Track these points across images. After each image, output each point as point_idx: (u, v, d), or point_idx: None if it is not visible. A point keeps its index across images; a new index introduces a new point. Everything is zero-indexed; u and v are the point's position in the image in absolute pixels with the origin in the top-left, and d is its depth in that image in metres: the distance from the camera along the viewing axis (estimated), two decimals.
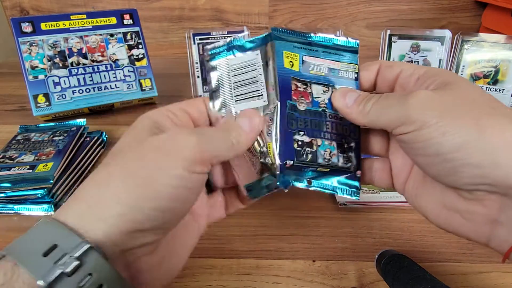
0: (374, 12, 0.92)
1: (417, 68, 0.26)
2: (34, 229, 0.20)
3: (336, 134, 0.27)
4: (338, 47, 0.28)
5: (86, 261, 0.18)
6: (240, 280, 0.32)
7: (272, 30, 0.28)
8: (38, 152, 0.44)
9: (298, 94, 0.26)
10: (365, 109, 0.24)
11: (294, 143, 0.25)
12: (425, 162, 0.23)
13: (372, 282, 0.32)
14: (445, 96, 0.22)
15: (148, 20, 0.94)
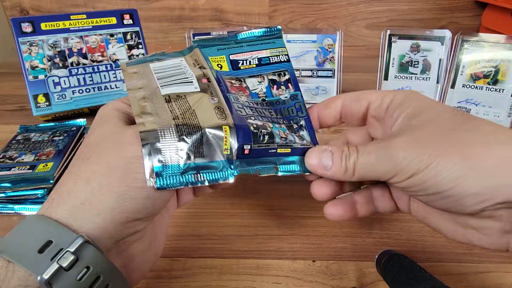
0: (374, 12, 0.92)
1: (384, 96, 0.26)
2: (25, 226, 0.20)
3: (283, 118, 0.27)
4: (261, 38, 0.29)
5: (83, 255, 0.19)
6: (240, 280, 0.32)
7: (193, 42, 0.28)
8: (38, 152, 0.44)
9: (236, 89, 0.27)
10: (348, 169, 0.24)
11: (250, 126, 0.25)
12: (426, 200, 0.23)
13: (372, 282, 0.32)
14: (423, 137, 0.22)
15: (148, 20, 0.94)
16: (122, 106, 0.25)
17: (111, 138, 0.22)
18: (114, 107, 0.25)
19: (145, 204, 0.21)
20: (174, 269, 0.33)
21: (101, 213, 0.20)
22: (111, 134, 0.23)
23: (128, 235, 0.22)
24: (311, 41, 0.58)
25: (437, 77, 0.56)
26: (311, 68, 0.58)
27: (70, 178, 0.21)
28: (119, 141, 0.22)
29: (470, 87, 0.54)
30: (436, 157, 0.21)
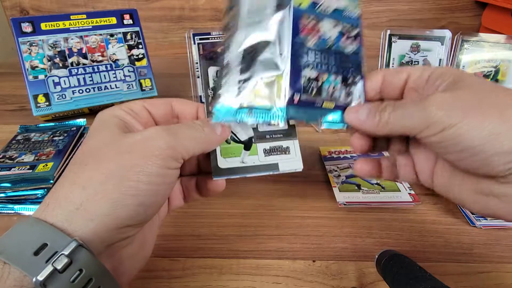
0: (374, 12, 0.92)
1: (424, 69, 0.26)
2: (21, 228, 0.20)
3: (343, 69, 0.29)
4: None
5: (76, 258, 0.19)
6: (240, 280, 0.32)
7: None
8: (38, 152, 0.44)
9: (307, 31, 0.28)
10: (382, 119, 0.25)
11: (302, 79, 0.27)
12: (455, 158, 0.23)
13: (372, 282, 0.32)
14: (462, 96, 0.23)
15: (148, 20, 0.94)
16: (120, 114, 0.26)
17: (109, 146, 0.23)
18: (113, 114, 0.26)
19: (138, 211, 0.22)
20: (174, 269, 0.33)
21: (94, 219, 0.20)
22: (109, 141, 0.23)
23: (119, 240, 0.22)
24: None
25: None
26: None
27: (67, 183, 0.22)
28: (117, 149, 0.23)
29: None
30: (473, 114, 0.21)
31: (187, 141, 0.25)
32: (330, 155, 0.49)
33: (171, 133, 0.24)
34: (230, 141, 0.30)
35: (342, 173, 0.45)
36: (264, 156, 0.30)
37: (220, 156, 0.29)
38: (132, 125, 0.26)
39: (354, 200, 0.40)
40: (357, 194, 0.41)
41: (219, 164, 0.29)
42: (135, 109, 0.27)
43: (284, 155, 0.30)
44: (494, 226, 0.37)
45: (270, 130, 0.30)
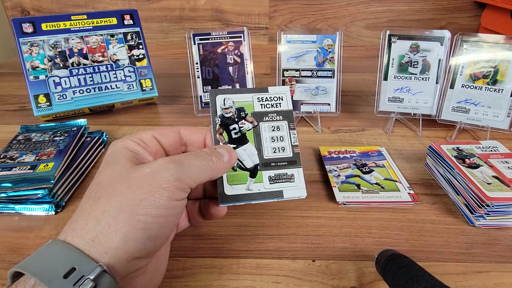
0: (374, 12, 0.92)
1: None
2: (51, 251, 0.22)
3: None
4: None
5: (100, 283, 0.21)
6: (240, 280, 0.32)
7: None
8: (39, 152, 0.44)
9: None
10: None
11: None
12: None
13: (371, 281, 0.32)
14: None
15: (149, 21, 0.94)
16: (131, 145, 0.27)
17: (120, 180, 0.24)
18: (124, 146, 0.27)
19: (146, 244, 0.23)
20: (174, 269, 0.33)
21: (108, 251, 0.22)
22: (120, 175, 0.25)
23: (132, 272, 0.23)
24: (311, 41, 0.58)
25: (436, 77, 0.56)
26: (311, 68, 0.58)
27: (83, 216, 0.23)
28: (127, 183, 0.24)
29: (470, 87, 0.55)
30: None
31: (194, 171, 0.25)
32: (329, 155, 0.49)
33: (178, 164, 0.25)
34: (236, 168, 0.31)
35: (341, 173, 0.45)
36: (269, 184, 0.31)
37: (227, 183, 0.30)
38: (143, 156, 0.27)
39: (354, 200, 0.40)
40: (356, 194, 0.41)
41: (226, 191, 0.30)
42: (145, 139, 0.28)
43: (289, 183, 0.31)
44: (493, 226, 0.37)
45: (275, 158, 0.32)
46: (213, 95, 0.33)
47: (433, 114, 0.57)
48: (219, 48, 0.58)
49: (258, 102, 0.33)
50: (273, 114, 0.33)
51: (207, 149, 0.28)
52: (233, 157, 0.29)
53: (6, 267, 0.33)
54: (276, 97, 0.34)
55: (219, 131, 0.32)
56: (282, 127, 0.33)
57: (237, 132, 0.32)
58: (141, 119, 0.61)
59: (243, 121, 0.33)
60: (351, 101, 0.68)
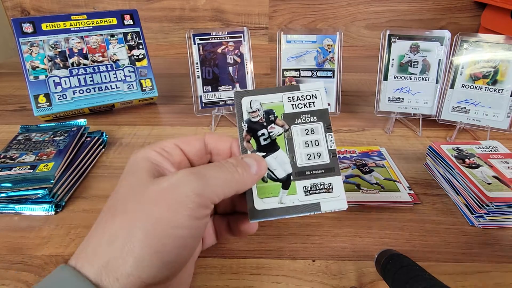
0: (374, 12, 0.92)
1: None
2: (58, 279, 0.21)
3: None
4: None
5: None
6: (240, 280, 0.32)
7: None
8: (39, 152, 0.44)
9: None
10: None
11: None
12: None
13: (371, 281, 0.32)
14: None
15: (149, 21, 0.94)
16: (151, 155, 0.25)
17: (136, 195, 0.22)
18: (144, 156, 0.25)
19: (162, 269, 0.21)
20: None
21: (119, 278, 0.20)
22: (136, 189, 0.23)
23: None
24: (311, 41, 0.58)
25: (436, 77, 0.56)
26: (311, 68, 0.58)
27: (98, 234, 0.22)
28: (143, 199, 0.22)
29: (470, 87, 0.55)
30: None
31: (217, 184, 0.23)
32: None
33: (199, 177, 0.22)
34: (266, 179, 0.28)
35: (341, 173, 0.45)
36: (304, 195, 0.27)
37: (257, 197, 0.27)
38: (164, 167, 0.25)
39: (354, 200, 0.40)
40: (356, 194, 0.41)
41: (256, 205, 0.27)
42: (167, 148, 0.26)
43: (326, 194, 0.28)
44: (493, 226, 0.37)
45: (310, 165, 0.28)
46: (238, 98, 0.29)
47: (433, 114, 0.57)
48: (219, 48, 0.58)
49: (289, 102, 0.29)
50: (307, 115, 0.29)
51: (233, 159, 0.25)
52: (262, 167, 0.26)
53: (6, 267, 0.33)
54: (309, 95, 0.30)
55: (246, 138, 0.28)
56: (317, 129, 0.29)
57: (266, 138, 0.29)
58: (141, 119, 0.61)
59: (272, 125, 0.29)
60: (351, 101, 0.68)
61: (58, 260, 0.34)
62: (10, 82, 0.77)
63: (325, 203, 0.27)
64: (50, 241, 0.36)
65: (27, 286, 0.31)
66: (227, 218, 0.30)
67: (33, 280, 0.32)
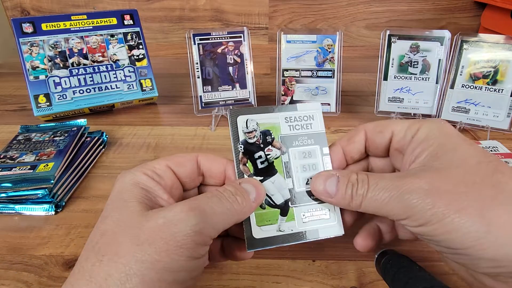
0: (373, 12, 0.92)
1: (408, 128, 0.25)
2: None
3: None
4: None
5: None
6: (240, 280, 0.32)
7: None
8: (39, 152, 0.44)
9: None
10: (354, 200, 0.23)
11: None
12: (440, 250, 0.22)
13: (371, 281, 0.32)
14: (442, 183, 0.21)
15: (149, 21, 0.94)
16: (142, 179, 0.23)
17: (128, 232, 0.20)
18: (134, 181, 0.23)
19: None
20: None
21: None
22: (127, 225, 0.20)
23: None
24: (311, 41, 0.58)
25: (436, 77, 0.56)
26: (311, 68, 0.58)
27: (83, 279, 0.19)
28: (136, 237, 0.19)
29: (470, 87, 0.55)
30: (453, 212, 0.19)
31: (217, 219, 0.22)
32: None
33: (198, 213, 0.21)
34: (265, 205, 0.27)
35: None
36: (302, 222, 0.27)
37: (255, 225, 0.26)
38: (156, 194, 0.23)
39: None
40: None
41: (254, 234, 0.26)
42: (158, 170, 0.24)
43: (324, 220, 0.27)
44: None
45: (308, 191, 0.27)
46: (234, 116, 0.27)
47: (433, 114, 0.57)
48: (219, 48, 0.58)
49: (286, 123, 0.28)
50: (304, 138, 0.28)
51: (230, 187, 0.24)
52: (261, 193, 0.25)
53: (6, 267, 0.33)
54: (306, 116, 0.29)
55: (242, 160, 0.27)
56: (315, 152, 0.28)
57: (263, 161, 0.27)
58: (141, 119, 0.61)
59: (269, 147, 0.27)
60: (351, 101, 0.68)
61: (58, 260, 0.34)
62: (10, 82, 0.77)
63: (323, 229, 0.27)
64: (50, 241, 0.36)
65: (27, 286, 0.31)
66: (221, 240, 0.28)
67: (33, 280, 0.32)
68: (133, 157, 0.50)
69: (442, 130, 0.23)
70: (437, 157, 0.22)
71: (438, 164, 0.22)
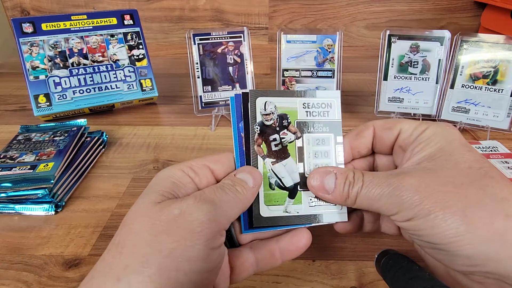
0: (373, 12, 0.92)
1: (416, 128, 0.26)
2: None
3: None
4: None
5: None
6: None
7: None
8: (39, 152, 0.44)
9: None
10: (350, 197, 0.24)
11: None
12: (420, 244, 0.23)
13: (371, 281, 0.32)
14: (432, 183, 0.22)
15: (149, 21, 0.94)
16: (177, 175, 0.24)
17: (144, 223, 0.20)
18: (169, 174, 0.24)
19: None
20: None
21: None
22: (144, 216, 0.21)
23: None
24: (311, 41, 0.58)
25: (436, 77, 0.56)
26: (311, 68, 0.58)
27: (103, 270, 0.20)
28: (152, 227, 0.20)
29: (470, 87, 0.55)
30: (438, 209, 0.21)
31: (226, 207, 0.22)
32: None
33: (210, 203, 0.21)
34: (274, 186, 0.27)
35: None
36: (308, 206, 0.28)
37: (263, 204, 0.27)
38: (185, 189, 0.24)
39: None
40: None
41: (261, 212, 0.26)
42: (195, 167, 0.25)
43: (329, 206, 0.28)
44: None
45: None
46: (254, 97, 0.27)
47: (433, 114, 0.57)
48: (219, 48, 0.58)
49: (304, 109, 0.28)
50: (320, 125, 0.28)
51: (227, 180, 0.24)
52: (257, 177, 0.25)
53: (6, 267, 0.33)
54: (325, 103, 0.29)
55: (257, 141, 0.27)
56: (329, 141, 0.28)
57: (277, 143, 0.28)
58: (141, 119, 0.61)
59: (285, 131, 0.28)
60: (351, 101, 0.68)
61: (58, 260, 0.34)
62: (10, 82, 0.77)
63: (327, 215, 0.28)
64: (50, 241, 0.36)
65: (27, 286, 0.31)
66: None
67: (33, 280, 0.32)
68: (133, 157, 0.50)
69: (445, 135, 0.24)
70: (432, 158, 0.23)
71: (432, 165, 0.23)
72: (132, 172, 0.47)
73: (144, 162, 0.49)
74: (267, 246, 0.27)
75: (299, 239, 0.27)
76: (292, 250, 0.27)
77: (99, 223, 0.38)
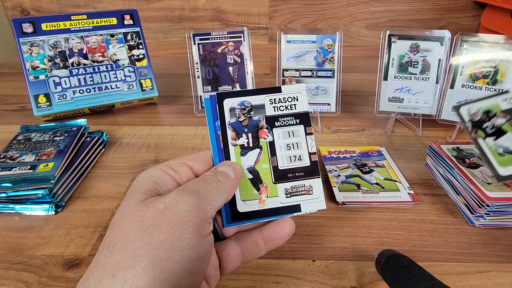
0: (374, 12, 0.92)
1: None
2: None
3: None
4: None
5: None
6: (240, 280, 0.32)
7: None
8: (39, 152, 0.44)
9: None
10: None
11: None
12: None
13: (371, 281, 0.32)
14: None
15: (149, 21, 0.94)
16: (157, 174, 0.24)
17: (132, 221, 0.21)
18: (148, 176, 0.24)
19: None
20: None
21: None
22: (131, 214, 0.22)
23: None
24: (311, 41, 0.58)
25: (436, 77, 0.56)
26: (311, 68, 0.58)
27: (97, 270, 0.20)
28: (140, 224, 0.21)
29: (470, 87, 0.54)
30: None
31: (210, 196, 0.23)
32: (329, 155, 0.50)
33: (193, 193, 0.22)
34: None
35: (341, 172, 0.45)
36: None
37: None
38: (166, 187, 0.24)
39: (354, 200, 0.40)
40: (356, 193, 0.41)
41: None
42: (175, 166, 0.25)
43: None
44: (493, 226, 0.37)
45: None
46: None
47: (433, 114, 0.57)
48: (219, 48, 0.58)
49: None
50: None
51: (209, 172, 0.25)
52: (237, 169, 0.26)
53: (6, 267, 0.33)
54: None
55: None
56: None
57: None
58: (141, 119, 0.61)
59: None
60: (351, 101, 0.68)
61: (58, 260, 0.34)
62: (10, 82, 0.77)
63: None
64: (50, 241, 0.36)
65: (27, 286, 0.31)
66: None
67: (33, 280, 0.32)
68: (133, 157, 0.50)
69: None
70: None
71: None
72: (132, 172, 0.47)
73: (144, 162, 0.49)
74: (251, 236, 0.27)
75: (282, 228, 0.27)
76: (275, 239, 0.27)
77: (99, 223, 0.38)
